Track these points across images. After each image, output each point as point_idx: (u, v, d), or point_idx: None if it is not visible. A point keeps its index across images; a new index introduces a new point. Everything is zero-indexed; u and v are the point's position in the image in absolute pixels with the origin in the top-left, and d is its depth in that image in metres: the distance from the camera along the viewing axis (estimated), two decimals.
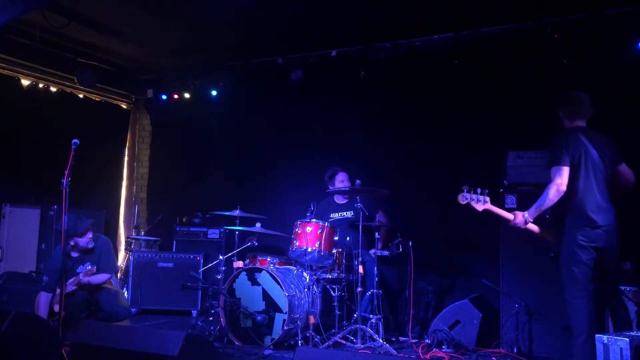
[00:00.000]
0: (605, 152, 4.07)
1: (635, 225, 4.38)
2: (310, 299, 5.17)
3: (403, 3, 5.46)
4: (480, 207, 4.16)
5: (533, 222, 4.11)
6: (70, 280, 4.99)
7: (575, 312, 3.95)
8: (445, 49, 6.01)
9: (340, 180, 5.92)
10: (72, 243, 5.10)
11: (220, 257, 5.57)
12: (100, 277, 5.16)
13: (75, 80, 6.92)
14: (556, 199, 3.94)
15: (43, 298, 4.97)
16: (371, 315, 5.09)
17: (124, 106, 8.31)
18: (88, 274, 5.03)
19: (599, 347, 3.61)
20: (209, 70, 7.30)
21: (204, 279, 6.42)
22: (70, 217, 4.42)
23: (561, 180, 3.92)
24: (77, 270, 5.14)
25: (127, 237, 7.50)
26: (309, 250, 5.22)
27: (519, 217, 4.07)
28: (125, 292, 6.66)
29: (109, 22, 6.15)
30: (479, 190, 4.17)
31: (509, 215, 4.14)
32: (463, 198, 4.18)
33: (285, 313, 4.90)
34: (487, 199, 4.16)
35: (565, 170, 3.93)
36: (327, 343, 4.94)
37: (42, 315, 4.88)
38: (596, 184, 4.00)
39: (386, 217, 5.98)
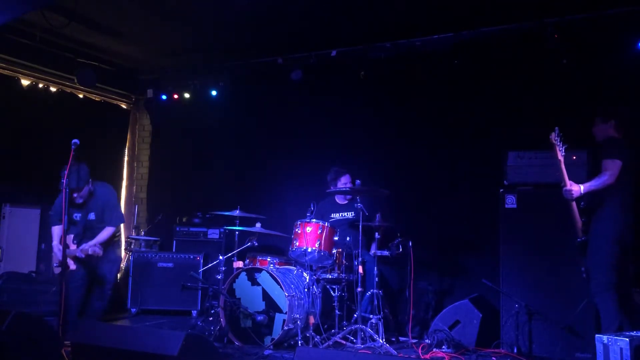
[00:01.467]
0: (635, 165, 4.36)
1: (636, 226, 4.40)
2: (310, 299, 5.17)
3: (403, 3, 5.46)
4: (559, 155, 4.29)
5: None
6: (82, 247, 5.01)
7: (605, 307, 4.18)
8: (445, 49, 6.01)
9: (344, 183, 5.90)
10: (74, 195, 5.10)
11: (220, 257, 5.57)
12: (106, 233, 5.13)
13: (75, 80, 6.91)
14: (605, 187, 4.20)
15: (56, 230, 5.12)
16: (371, 315, 5.09)
17: (124, 106, 8.30)
18: (95, 250, 5.04)
19: (599, 347, 3.62)
20: (209, 70, 7.30)
21: (204, 279, 6.42)
22: (71, 171, 4.53)
23: (615, 172, 4.19)
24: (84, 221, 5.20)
25: (127, 237, 7.49)
26: (309, 250, 5.22)
27: (576, 187, 4.25)
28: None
29: (109, 22, 6.15)
30: (562, 140, 4.30)
31: (567, 180, 4.28)
32: (554, 138, 4.29)
33: (285, 313, 4.90)
34: (564, 154, 4.29)
35: (619, 165, 4.19)
36: (327, 343, 4.95)
37: (58, 243, 4.97)
38: (630, 189, 4.31)
39: (383, 221, 5.96)
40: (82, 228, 5.18)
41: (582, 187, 4.23)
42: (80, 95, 7.51)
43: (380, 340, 4.90)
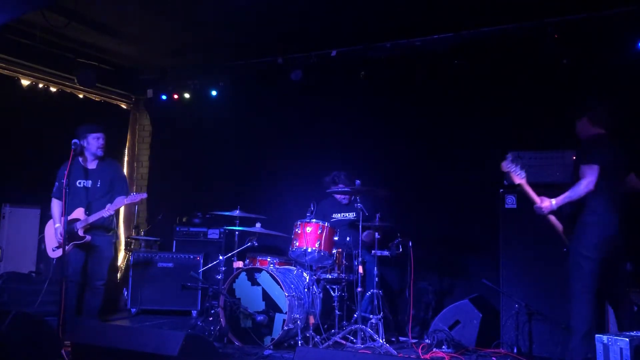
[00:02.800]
0: (623, 160, 4.21)
1: (635, 225, 4.39)
2: (310, 299, 5.17)
3: (403, 3, 5.46)
4: (517, 180, 4.22)
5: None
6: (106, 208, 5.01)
7: (578, 309, 4.07)
8: (445, 49, 6.01)
9: (342, 187, 5.88)
10: (84, 143, 5.12)
11: (220, 257, 5.57)
12: (119, 202, 5.05)
13: (75, 80, 6.91)
14: (584, 195, 4.05)
15: (55, 204, 5.17)
16: (371, 316, 5.09)
17: (124, 106, 8.30)
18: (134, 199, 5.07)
19: (599, 347, 3.62)
20: (209, 70, 7.30)
21: (204, 279, 6.42)
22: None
23: (593, 178, 4.02)
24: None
25: (127, 237, 7.50)
26: (309, 250, 5.22)
27: (546, 203, 4.15)
28: (125, 292, 6.68)
29: (109, 22, 6.14)
30: (520, 164, 4.23)
31: (536, 198, 4.20)
32: (506, 166, 4.22)
33: (285, 313, 4.90)
34: (524, 175, 4.21)
35: (597, 170, 4.04)
36: (327, 343, 4.95)
37: (56, 219, 5.02)
38: (614, 188, 4.14)
39: (382, 221, 5.94)
40: (87, 197, 5.15)
41: (553, 201, 4.12)
42: (80, 95, 7.51)
43: (380, 340, 4.90)
